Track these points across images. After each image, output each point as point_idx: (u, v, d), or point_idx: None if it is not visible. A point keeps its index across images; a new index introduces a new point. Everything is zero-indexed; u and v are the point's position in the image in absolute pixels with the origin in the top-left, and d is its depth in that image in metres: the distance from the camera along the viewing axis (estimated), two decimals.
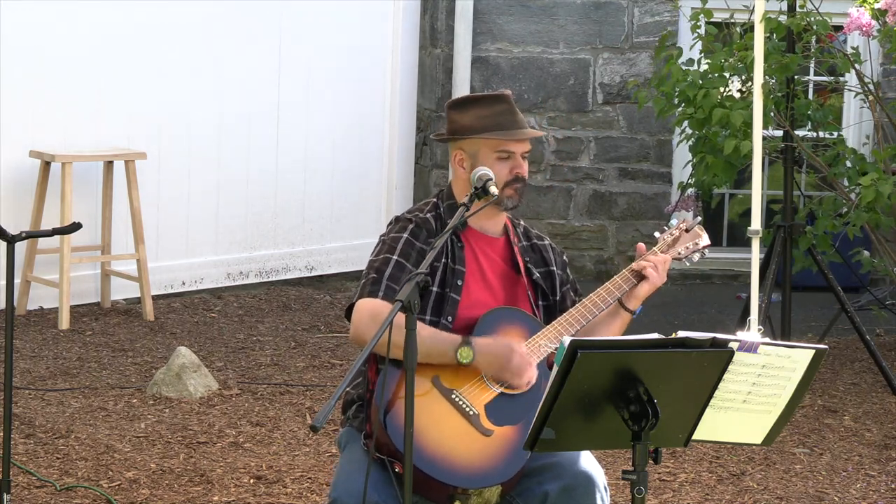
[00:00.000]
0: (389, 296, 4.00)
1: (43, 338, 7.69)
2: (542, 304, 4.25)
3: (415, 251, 4.10)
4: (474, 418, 3.93)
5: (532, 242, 4.32)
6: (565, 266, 4.36)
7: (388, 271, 4.06)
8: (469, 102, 4.25)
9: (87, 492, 5.50)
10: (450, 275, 4.12)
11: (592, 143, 9.89)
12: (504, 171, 4.17)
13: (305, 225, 9.33)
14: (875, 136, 8.53)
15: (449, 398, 3.94)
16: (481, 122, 4.18)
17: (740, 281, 9.77)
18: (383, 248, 4.13)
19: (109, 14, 8.33)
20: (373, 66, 9.53)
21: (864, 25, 7.15)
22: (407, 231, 4.14)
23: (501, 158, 4.18)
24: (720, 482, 5.90)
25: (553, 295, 4.27)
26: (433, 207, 4.23)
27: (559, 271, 4.31)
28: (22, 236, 4.68)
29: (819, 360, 3.61)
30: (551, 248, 4.35)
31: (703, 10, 7.86)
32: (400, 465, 3.80)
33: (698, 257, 4.35)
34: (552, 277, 4.29)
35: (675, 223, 4.36)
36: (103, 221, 8.30)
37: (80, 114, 8.29)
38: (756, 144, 6.88)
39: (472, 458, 3.90)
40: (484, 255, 4.19)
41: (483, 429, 3.93)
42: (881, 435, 6.60)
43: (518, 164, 4.20)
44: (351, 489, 3.83)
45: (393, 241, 4.13)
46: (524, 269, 4.23)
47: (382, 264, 4.08)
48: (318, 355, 7.63)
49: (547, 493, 3.95)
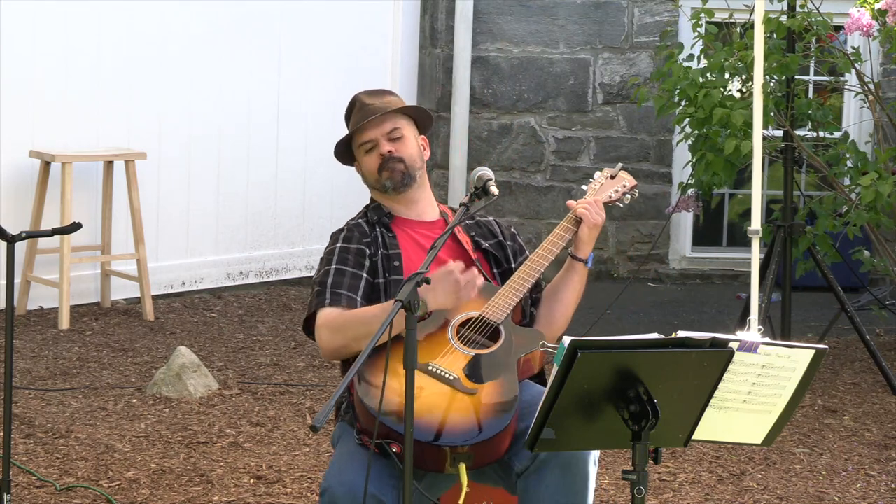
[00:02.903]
0: (335, 300, 4.13)
1: (43, 338, 7.69)
2: (496, 271, 4.34)
3: (350, 254, 4.25)
4: (456, 382, 3.95)
5: (476, 220, 4.42)
6: (515, 237, 4.45)
7: (329, 280, 4.19)
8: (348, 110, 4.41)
9: (87, 492, 5.50)
10: (386, 262, 4.23)
11: (592, 143, 9.89)
12: (373, 160, 4.32)
13: (305, 225, 9.33)
14: (875, 136, 8.54)
15: (426, 371, 3.96)
16: (351, 127, 4.36)
17: (740, 281, 9.77)
18: (322, 263, 4.29)
19: (110, 14, 8.33)
20: (373, 65, 9.53)
21: (865, 26, 7.15)
22: (339, 241, 4.31)
23: (368, 150, 4.33)
24: (720, 482, 5.90)
25: (507, 263, 4.36)
26: (363, 213, 4.41)
27: (509, 242, 4.41)
28: (22, 236, 4.68)
29: (819, 360, 3.61)
30: (496, 223, 4.45)
31: (704, 9, 7.86)
32: (396, 445, 3.80)
33: (629, 199, 4.45)
34: (503, 248, 4.38)
35: (599, 175, 4.49)
36: (103, 221, 8.30)
37: (80, 114, 8.30)
38: (756, 144, 6.88)
39: (464, 416, 3.92)
40: (420, 235, 4.30)
41: (467, 389, 3.95)
42: (881, 435, 6.60)
43: (382, 146, 4.31)
44: (343, 479, 3.84)
45: (329, 253, 4.30)
46: (472, 244, 4.33)
47: (323, 276, 4.22)
48: (318, 355, 7.63)
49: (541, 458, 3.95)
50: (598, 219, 4.29)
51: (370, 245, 4.27)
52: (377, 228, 4.31)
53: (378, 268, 4.23)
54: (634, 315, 8.90)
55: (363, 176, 4.40)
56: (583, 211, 4.28)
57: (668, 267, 10.09)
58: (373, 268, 4.23)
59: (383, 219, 4.32)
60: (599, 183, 4.45)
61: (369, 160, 4.33)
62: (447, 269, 4.01)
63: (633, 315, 8.89)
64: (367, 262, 4.23)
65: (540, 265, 4.21)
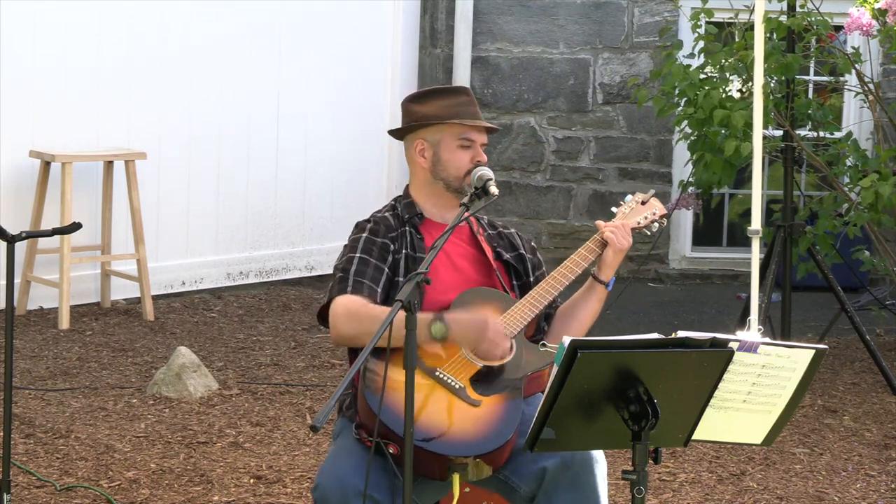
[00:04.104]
0: (358, 289, 4.09)
1: (43, 338, 7.69)
2: (516, 283, 4.32)
3: (376, 247, 4.19)
4: (461, 391, 3.95)
5: (498, 231, 4.41)
6: (534, 251, 4.44)
7: (352, 268, 4.14)
8: (430, 94, 4.33)
9: (87, 492, 5.50)
10: (412, 264, 4.18)
11: (592, 142, 9.89)
12: (465, 160, 4.24)
13: (305, 225, 9.33)
14: (875, 136, 8.54)
15: (433, 376, 3.96)
16: (445, 111, 4.25)
17: (740, 281, 9.77)
18: (346, 250, 4.22)
19: (110, 15, 8.33)
20: (373, 65, 9.53)
21: (865, 26, 7.15)
22: (366, 231, 4.23)
23: (463, 146, 4.25)
24: (720, 482, 5.90)
25: (526, 276, 4.34)
26: (390, 208, 4.33)
27: (529, 255, 4.39)
28: (22, 236, 4.68)
29: (819, 360, 3.61)
30: (518, 236, 4.43)
31: (704, 9, 7.86)
32: (394, 446, 3.80)
33: (657, 227, 4.46)
34: (523, 260, 4.36)
35: (630, 198, 4.47)
36: (103, 221, 8.30)
37: (80, 114, 8.30)
38: (756, 144, 6.87)
39: (465, 427, 3.91)
40: (448, 242, 4.23)
41: (471, 400, 3.94)
42: (881, 435, 6.60)
43: (478, 152, 4.27)
44: (336, 473, 3.84)
45: (353, 241, 4.22)
46: (493, 253, 4.30)
47: (347, 263, 4.17)
48: (318, 355, 7.63)
49: (545, 469, 3.93)
50: (624, 243, 4.28)
51: (395, 240, 4.23)
52: (406, 226, 4.26)
53: (400, 266, 4.19)
54: (634, 315, 8.90)
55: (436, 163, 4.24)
56: (609, 234, 4.27)
57: (668, 267, 10.09)
58: (394, 264, 4.19)
59: (414, 218, 4.26)
60: (629, 207, 4.44)
61: (461, 156, 4.24)
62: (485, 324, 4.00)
63: (633, 315, 8.89)
64: (390, 257, 4.20)
65: (560, 283, 4.19)
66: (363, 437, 3.90)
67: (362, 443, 3.90)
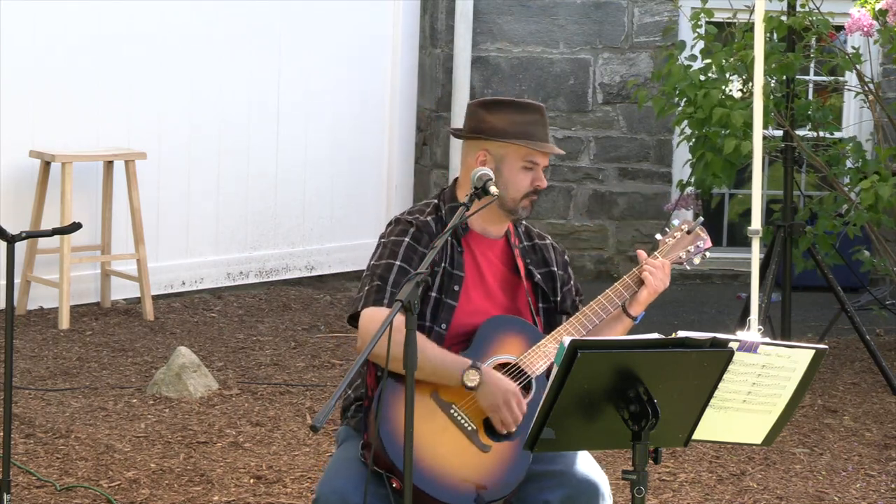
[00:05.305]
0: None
1: (43, 338, 7.69)
2: (542, 306, 4.22)
3: (417, 256, 4.05)
4: (472, 434, 3.91)
5: (533, 243, 4.29)
6: (566, 266, 4.32)
7: (391, 278, 4.01)
8: (502, 105, 4.17)
9: (87, 492, 5.50)
10: (447, 280, 4.07)
11: (592, 142, 9.89)
12: (526, 182, 4.14)
13: (305, 225, 9.33)
14: (875, 137, 8.54)
15: (447, 412, 3.92)
16: (514, 127, 4.11)
17: (740, 281, 9.77)
18: (385, 251, 4.07)
19: (110, 15, 8.33)
20: (373, 66, 9.53)
21: (865, 26, 7.15)
22: (408, 235, 4.08)
23: (527, 168, 4.14)
24: (720, 482, 5.90)
25: (554, 296, 4.23)
26: (434, 210, 4.18)
27: (560, 271, 4.27)
28: (22, 236, 4.68)
29: (819, 360, 3.61)
30: (553, 248, 4.31)
31: (704, 9, 7.86)
32: (397, 480, 3.79)
33: (699, 260, 4.30)
34: (553, 278, 4.25)
35: (677, 224, 4.31)
36: (103, 221, 8.30)
37: (80, 114, 8.30)
38: (756, 144, 6.87)
39: (470, 475, 3.88)
40: (484, 259, 4.15)
41: (481, 444, 3.91)
42: (881, 435, 6.60)
43: (540, 176, 4.16)
44: (336, 487, 3.83)
45: (395, 245, 4.08)
46: (525, 272, 4.20)
47: (385, 270, 4.03)
48: (318, 355, 7.63)
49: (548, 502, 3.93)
50: (660, 286, 4.18)
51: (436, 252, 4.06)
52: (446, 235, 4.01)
53: (436, 281, 4.05)
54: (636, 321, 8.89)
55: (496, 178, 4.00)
56: (647, 276, 4.16)
57: None
58: (431, 276, 4.04)
59: (458, 230, 4.11)
60: (674, 238, 4.28)
61: (523, 177, 4.13)
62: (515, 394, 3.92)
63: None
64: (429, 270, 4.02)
65: (591, 321, 4.10)
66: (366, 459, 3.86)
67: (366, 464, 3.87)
